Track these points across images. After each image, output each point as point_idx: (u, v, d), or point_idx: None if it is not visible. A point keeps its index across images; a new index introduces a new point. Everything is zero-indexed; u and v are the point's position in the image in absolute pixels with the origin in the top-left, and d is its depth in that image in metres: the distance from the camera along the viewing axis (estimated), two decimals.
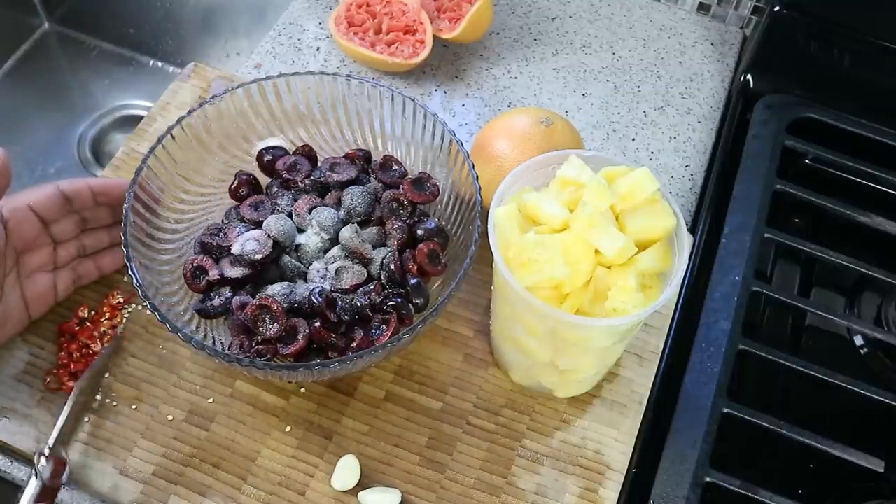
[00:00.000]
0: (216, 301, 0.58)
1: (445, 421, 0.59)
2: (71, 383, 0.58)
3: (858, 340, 0.69)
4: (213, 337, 0.57)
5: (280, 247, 0.59)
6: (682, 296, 0.66)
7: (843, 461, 0.58)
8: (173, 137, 0.60)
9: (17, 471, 0.57)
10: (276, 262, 0.60)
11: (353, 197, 0.60)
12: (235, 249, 0.58)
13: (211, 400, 0.59)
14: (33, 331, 0.61)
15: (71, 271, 0.61)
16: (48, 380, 0.59)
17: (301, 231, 0.61)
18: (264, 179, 0.65)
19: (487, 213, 0.52)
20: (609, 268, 0.50)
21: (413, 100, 0.62)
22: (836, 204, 0.71)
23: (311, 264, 0.59)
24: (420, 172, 0.63)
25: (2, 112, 1.02)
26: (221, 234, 0.60)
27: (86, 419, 0.58)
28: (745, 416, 0.59)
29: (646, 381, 0.61)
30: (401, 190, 0.61)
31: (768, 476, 0.60)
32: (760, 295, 0.66)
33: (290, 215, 0.61)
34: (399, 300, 0.57)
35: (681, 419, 0.59)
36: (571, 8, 0.88)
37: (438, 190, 0.62)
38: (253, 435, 0.58)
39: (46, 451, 0.54)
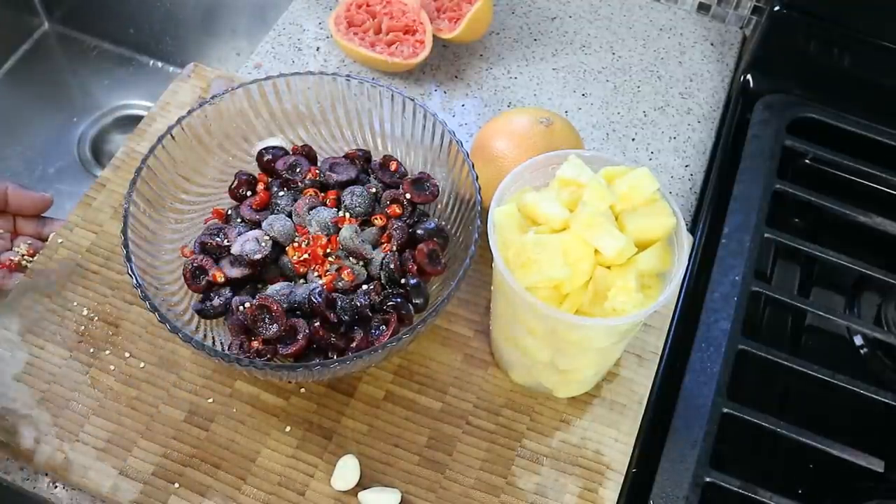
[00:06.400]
0: (216, 301, 0.58)
1: (445, 421, 0.59)
2: None
3: (858, 340, 0.69)
4: (213, 337, 0.58)
5: (280, 247, 0.59)
6: (682, 296, 0.66)
7: (843, 461, 0.58)
8: (173, 137, 0.60)
9: (17, 471, 0.57)
10: (276, 262, 0.60)
11: (354, 197, 0.61)
12: (235, 249, 0.58)
13: (211, 400, 0.59)
14: (33, 330, 0.61)
15: None
16: None
17: None
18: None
19: (487, 213, 0.52)
20: (609, 268, 0.50)
21: (413, 100, 0.62)
22: (836, 204, 0.71)
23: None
24: (420, 172, 0.63)
25: (2, 112, 1.02)
26: (221, 234, 0.60)
27: (86, 419, 0.58)
28: (745, 416, 0.59)
29: (646, 381, 0.61)
30: (401, 190, 0.61)
31: (768, 476, 0.60)
32: (760, 295, 0.66)
33: (289, 215, 0.61)
34: (399, 300, 0.57)
35: (681, 419, 0.59)
36: (571, 8, 0.88)
37: (438, 190, 0.62)
38: (253, 435, 0.58)
39: None
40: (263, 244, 0.58)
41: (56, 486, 0.57)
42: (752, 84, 0.79)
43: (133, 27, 1.05)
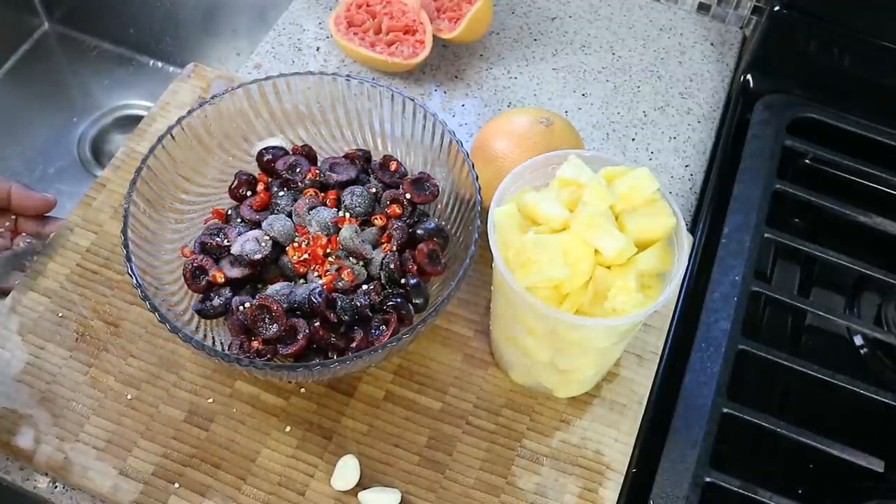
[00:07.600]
0: (216, 301, 0.58)
1: (445, 421, 0.59)
2: None
3: (858, 340, 0.69)
4: (213, 337, 0.58)
5: (280, 247, 0.59)
6: (682, 296, 0.66)
7: (843, 461, 0.58)
8: (173, 137, 0.60)
9: (17, 471, 0.57)
10: (276, 262, 0.60)
11: (354, 197, 0.61)
12: (235, 249, 0.58)
13: (211, 400, 0.59)
14: (33, 330, 0.61)
15: None
16: None
17: None
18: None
19: (487, 213, 0.52)
20: (609, 268, 0.50)
21: (413, 100, 0.62)
22: (836, 204, 0.71)
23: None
24: (420, 172, 0.63)
25: (2, 112, 1.02)
26: (221, 234, 0.60)
27: (86, 419, 0.58)
28: (745, 416, 0.59)
29: (646, 381, 0.61)
30: (401, 190, 0.61)
31: (768, 476, 0.60)
32: (760, 295, 0.66)
33: (289, 215, 0.61)
34: (399, 300, 0.57)
35: (681, 419, 0.59)
36: (571, 8, 0.88)
37: (438, 190, 0.62)
38: (253, 435, 0.58)
39: None
40: (263, 244, 0.58)
41: (56, 486, 0.57)
42: (752, 84, 0.79)
43: (133, 27, 1.05)
